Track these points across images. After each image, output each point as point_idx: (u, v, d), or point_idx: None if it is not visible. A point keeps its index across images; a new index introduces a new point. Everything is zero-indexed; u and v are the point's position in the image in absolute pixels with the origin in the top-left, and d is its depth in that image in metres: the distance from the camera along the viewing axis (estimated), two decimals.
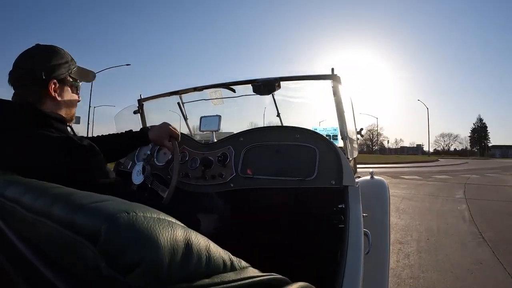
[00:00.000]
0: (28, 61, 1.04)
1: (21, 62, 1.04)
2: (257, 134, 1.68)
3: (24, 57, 1.05)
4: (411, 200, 7.35)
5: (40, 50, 1.07)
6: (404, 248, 3.88)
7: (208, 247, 0.47)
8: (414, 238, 4.35)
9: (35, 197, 0.58)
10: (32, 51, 1.06)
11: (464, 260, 3.47)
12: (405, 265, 3.33)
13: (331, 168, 1.44)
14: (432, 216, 5.68)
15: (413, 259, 3.50)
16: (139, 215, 0.43)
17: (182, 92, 2.06)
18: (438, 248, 3.92)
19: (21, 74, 1.04)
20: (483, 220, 5.32)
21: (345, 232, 1.21)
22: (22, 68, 1.04)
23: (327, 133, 2.03)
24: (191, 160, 1.77)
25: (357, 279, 1.07)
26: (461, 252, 3.76)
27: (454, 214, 5.88)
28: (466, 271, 3.17)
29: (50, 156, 0.93)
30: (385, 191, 2.12)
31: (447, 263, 3.37)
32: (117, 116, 2.28)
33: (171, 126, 1.56)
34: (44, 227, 0.50)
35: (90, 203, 0.47)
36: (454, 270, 3.17)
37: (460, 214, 5.88)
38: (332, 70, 1.61)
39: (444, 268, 3.25)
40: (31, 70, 1.03)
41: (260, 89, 1.68)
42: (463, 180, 12.17)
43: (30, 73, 1.03)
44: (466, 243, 4.11)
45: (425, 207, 6.56)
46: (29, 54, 1.06)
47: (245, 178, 1.59)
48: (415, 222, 5.20)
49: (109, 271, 0.38)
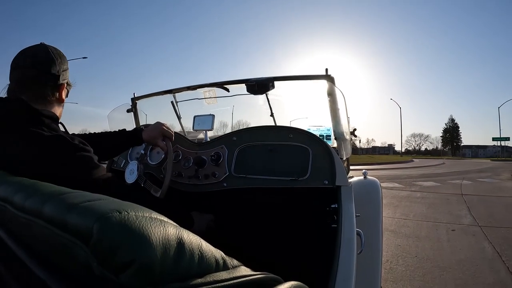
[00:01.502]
0: (45, 62, 1.04)
1: (38, 63, 1.03)
2: (250, 134, 1.68)
3: (41, 56, 1.04)
4: (399, 236, 4.30)
5: (55, 53, 1.07)
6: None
7: (200, 246, 0.47)
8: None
9: (26, 196, 0.57)
10: (47, 52, 1.06)
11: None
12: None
13: (324, 168, 1.44)
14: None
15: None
16: (131, 214, 0.43)
17: (176, 91, 2.06)
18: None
19: (38, 73, 1.03)
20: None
21: (338, 231, 1.22)
22: (38, 69, 1.03)
23: (321, 133, 2.04)
24: (184, 159, 1.77)
25: (350, 279, 1.07)
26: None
27: (487, 276, 3.01)
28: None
29: (41, 154, 0.92)
30: (378, 191, 2.13)
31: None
32: (111, 114, 2.27)
33: (165, 125, 1.55)
34: (36, 227, 0.50)
35: (81, 202, 0.47)
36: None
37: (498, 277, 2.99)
38: (326, 70, 1.62)
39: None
40: (48, 72, 1.04)
41: (254, 88, 1.68)
42: (456, 189, 9.27)
43: (46, 74, 1.04)
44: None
45: (427, 257, 3.52)
46: (44, 54, 1.05)
47: (238, 177, 1.59)
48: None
49: (101, 270, 0.38)
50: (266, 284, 0.54)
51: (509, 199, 7.42)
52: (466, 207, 6.41)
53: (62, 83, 1.10)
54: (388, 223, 5.02)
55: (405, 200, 7.35)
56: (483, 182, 11.48)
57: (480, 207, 6.42)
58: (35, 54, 1.04)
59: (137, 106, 2.24)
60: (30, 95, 1.02)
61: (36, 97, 1.03)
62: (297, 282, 0.59)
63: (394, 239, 4.16)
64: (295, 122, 2.46)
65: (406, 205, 6.77)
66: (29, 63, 1.02)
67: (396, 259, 3.46)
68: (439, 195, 8.29)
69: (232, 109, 2.39)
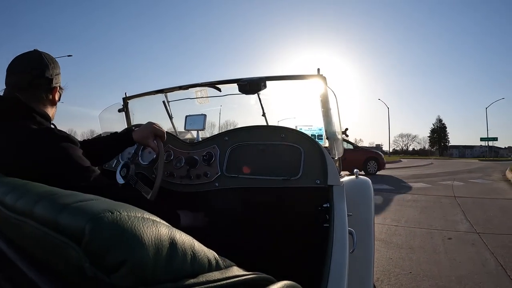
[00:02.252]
0: (40, 67, 1.11)
1: (32, 68, 1.10)
2: (242, 134, 1.68)
3: (36, 62, 1.11)
4: (390, 247, 3.85)
5: (48, 58, 1.15)
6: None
7: (193, 246, 0.47)
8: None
9: (17, 197, 0.57)
10: (41, 58, 1.13)
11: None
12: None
13: (316, 168, 1.45)
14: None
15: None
16: (123, 215, 0.43)
17: (167, 90, 2.05)
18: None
19: (33, 78, 1.10)
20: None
21: (330, 231, 1.22)
22: (33, 74, 1.10)
23: (312, 133, 2.05)
24: (176, 159, 1.76)
25: (342, 278, 1.08)
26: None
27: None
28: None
29: (27, 144, 0.97)
30: (370, 191, 2.14)
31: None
32: (102, 114, 2.26)
33: (156, 124, 1.55)
34: (27, 227, 0.50)
35: (73, 202, 0.47)
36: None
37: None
38: (318, 70, 1.62)
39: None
40: (42, 76, 1.11)
41: (246, 88, 1.68)
42: (448, 191, 8.65)
43: (41, 78, 1.11)
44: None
45: (424, 273, 3.06)
46: (38, 60, 1.12)
47: (230, 177, 1.59)
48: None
49: (94, 271, 0.38)
50: (259, 284, 0.54)
51: (504, 201, 7.04)
52: (461, 211, 5.95)
53: (55, 86, 1.17)
54: (378, 230, 4.43)
55: (395, 204, 6.81)
56: (475, 183, 10.88)
57: (476, 210, 5.98)
58: (30, 60, 1.11)
59: (128, 106, 2.23)
60: (25, 97, 1.07)
61: (31, 98, 1.09)
62: (290, 282, 0.59)
63: (385, 251, 3.69)
64: (283, 122, 2.47)
65: (397, 209, 6.22)
66: (25, 69, 1.09)
67: (388, 277, 2.99)
68: (431, 197, 7.70)
69: (220, 109, 2.39)
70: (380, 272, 3.10)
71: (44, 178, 0.79)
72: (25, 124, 1.01)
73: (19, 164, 0.93)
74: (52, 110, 1.20)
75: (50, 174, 0.94)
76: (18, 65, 1.10)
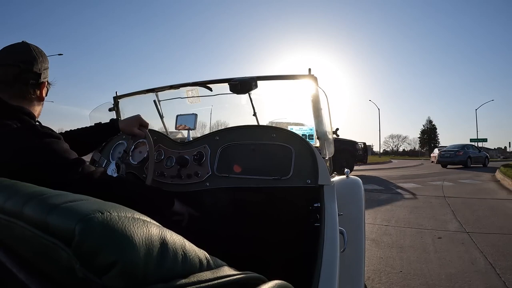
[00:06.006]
0: (28, 60, 1.04)
1: (20, 61, 1.03)
2: (233, 133, 1.68)
3: (24, 54, 1.05)
4: (381, 247, 3.87)
5: (37, 51, 1.08)
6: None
7: (184, 246, 0.47)
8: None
9: (6, 197, 0.56)
10: (29, 50, 1.06)
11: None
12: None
13: (307, 167, 1.46)
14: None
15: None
16: (113, 215, 0.43)
17: (158, 89, 2.04)
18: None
19: (20, 71, 1.03)
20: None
21: (321, 230, 1.23)
22: (21, 67, 1.03)
23: (303, 132, 2.06)
24: (167, 159, 1.75)
25: (333, 277, 1.08)
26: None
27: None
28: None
29: (12, 148, 0.92)
30: (360, 190, 2.15)
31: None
32: (92, 113, 2.24)
33: (141, 116, 1.60)
34: (17, 229, 0.49)
35: (63, 203, 0.46)
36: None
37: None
38: (309, 70, 1.63)
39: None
40: (31, 70, 1.04)
41: (237, 88, 1.68)
42: (438, 192, 8.72)
43: (29, 72, 1.04)
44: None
45: (414, 272, 3.10)
46: (26, 52, 1.05)
47: (221, 177, 1.59)
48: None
49: (84, 272, 0.38)
50: (250, 283, 0.54)
51: (493, 202, 7.09)
52: (450, 211, 5.98)
53: (43, 81, 1.10)
54: (369, 230, 4.47)
55: (385, 204, 6.82)
56: (465, 184, 10.91)
57: (465, 210, 6.04)
58: (18, 52, 1.04)
59: (119, 105, 2.22)
60: (11, 93, 1.02)
61: (16, 95, 1.03)
62: (281, 281, 0.59)
63: (376, 250, 3.73)
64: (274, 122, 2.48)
65: (387, 209, 6.27)
66: (12, 61, 1.02)
67: (379, 276, 3.03)
68: (421, 197, 7.79)
69: (211, 109, 2.39)
70: (371, 271, 3.13)
71: (32, 177, 0.77)
72: (7, 124, 0.95)
73: (6, 167, 0.88)
74: (38, 107, 1.14)
75: (38, 173, 0.90)
76: (4, 57, 1.02)
